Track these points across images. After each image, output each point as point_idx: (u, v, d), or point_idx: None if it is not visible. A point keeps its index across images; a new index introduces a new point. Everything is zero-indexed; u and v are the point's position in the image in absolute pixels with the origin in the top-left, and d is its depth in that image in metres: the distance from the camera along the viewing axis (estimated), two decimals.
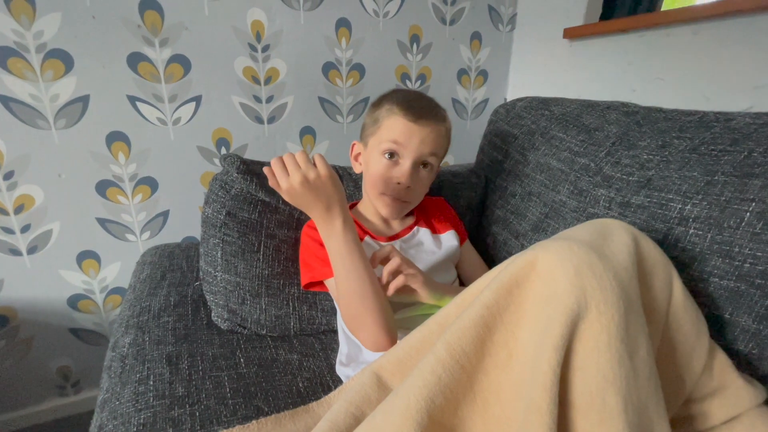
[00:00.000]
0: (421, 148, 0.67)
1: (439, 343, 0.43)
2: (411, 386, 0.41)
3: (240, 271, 0.76)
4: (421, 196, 0.75)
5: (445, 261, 0.77)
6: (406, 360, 0.50)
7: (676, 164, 0.62)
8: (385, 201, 0.71)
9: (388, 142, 0.68)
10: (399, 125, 0.67)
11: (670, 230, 0.59)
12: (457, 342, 0.42)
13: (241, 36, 1.08)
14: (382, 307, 0.59)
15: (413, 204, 0.75)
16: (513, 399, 0.41)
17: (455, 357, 0.42)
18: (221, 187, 0.77)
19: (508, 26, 1.42)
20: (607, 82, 1.15)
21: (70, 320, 1.12)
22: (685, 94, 0.97)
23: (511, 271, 0.44)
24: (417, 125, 0.67)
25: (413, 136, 0.67)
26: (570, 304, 0.39)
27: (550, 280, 0.41)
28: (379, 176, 0.69)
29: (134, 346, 0.68)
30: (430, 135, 0.68)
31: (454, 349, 0.42)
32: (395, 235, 0.77)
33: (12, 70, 0.90)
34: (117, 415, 0.57)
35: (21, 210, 0.99)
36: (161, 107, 1.05)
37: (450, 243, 0.79)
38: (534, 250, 0.44)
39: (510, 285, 0.43)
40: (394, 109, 0.68)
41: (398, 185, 0.69)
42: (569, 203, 0.77)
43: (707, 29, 0.92)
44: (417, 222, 0.80)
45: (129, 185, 1.07)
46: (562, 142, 0.83)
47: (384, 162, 0.69)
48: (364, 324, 0.59)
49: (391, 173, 0.69)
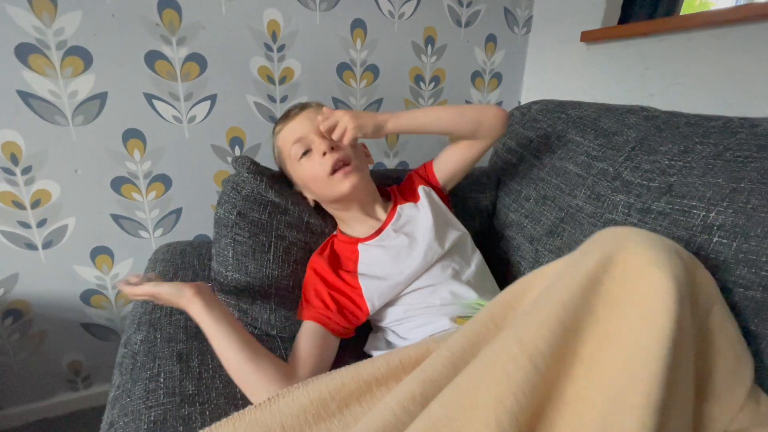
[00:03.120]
0: (311, 124, 0.73)
1: (509, 339, 0.40)
2: (480, 385, 0.39)
3: (250, 271, 0.75)
4: (359, 158, 0.76)
5: (439, 218, 0.77)
6: (461, 355, 0.47)
7: (699, 170, 0.60)
8: (338, 177, 0.71)
9: (294, 148, 0.74)
10: (285, 132, 0.76)
11: (692, 238, 0.58)
12: (531, 340, 0.39)
13: (257, 35, 1.08)
14: (247, 384, 0.58)
15: (359, 165, 0.74)
16: (603, 402, 0.38)
17: (528, 354, 0.39)
18: (233, 188, 0.77)
19: (524, 29, 1.41)
20: (625, 86, 1.13)
21: (82, 315, 1.13)
22: (705, 100, 0.95)
23: (587, 267, 0.42)
24: (293, 120, 0.76)
25: (297, 127, 0.75)
26: (674, 316, 0.37)
27: (644, 283, 0.40)
28: (314, 169, 0.73)
29: (146, 343, 0.68)
30: (306, 115, 0.75)
31: (528, 347, 0.39)
32: (383, 225, 0.77)
33: (33, 67, 0.91)
34: (128, 412, 0.57)
35: (38, 205, 1.00)
36: (177, 105, 1.06)
37: (429, 199, 0.79)
38: (603, 244, 0.43)
39: (587, 283, 0.42)
40: (276, 129, 0.79)
41: (326, 156, 0.71)
42: (586, 208, 0.76)
43: (730, 34, 0.90)
44: (396, 203, 0.81)
45: (143, 182, 1.08)
46: (579, 145, 0.82)
47: (306, 162, 0.74)
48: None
49: (317, 157, 0.72)
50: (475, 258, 0.77)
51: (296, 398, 0.52)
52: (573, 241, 0.77)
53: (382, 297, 0.70)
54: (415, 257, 0.70)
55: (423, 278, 0.71)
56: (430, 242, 0.71)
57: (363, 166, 0.76)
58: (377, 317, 0.74)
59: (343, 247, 0.77)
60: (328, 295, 0.70)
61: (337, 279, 0.72)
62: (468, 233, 0.80)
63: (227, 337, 0.58)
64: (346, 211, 0.78)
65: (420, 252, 0.71)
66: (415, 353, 0.56)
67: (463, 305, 0.68)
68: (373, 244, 0.75)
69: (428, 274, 0.71)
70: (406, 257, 0.71)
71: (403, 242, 0.73)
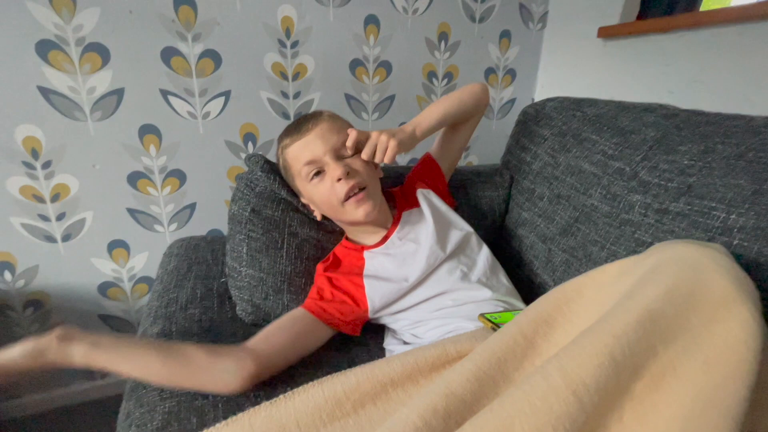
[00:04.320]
0: (324, 144, 0.69)
1: (553, 367, 0.37)
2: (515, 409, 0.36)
3: (264, 266, 0.76)
4: (373, 178, 0.74)
5: (440, 221, 0.76)
6: (490, 372, 0.44)
7: (720, 171, 0.59)
8: (351, 205, 0.70)
9: (305, 169, 0.70)
10: (296, 150, 0.71)
11: (711, 240, 0.56)
12: (576, 372, 0.36)
13: (271, 32, 1.09)
14: (187, 383, 0.56)
15: (373, 189, 0.73)
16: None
17: (572, 388, 0.35)
18: (246, 185, 0.79)
19: (539, 24, 1.39)
20: (643, 83, 1.11)
21: (99, 307, 1.16)
22: (727, 98, 0.93)
23: (648, 299, 0.37)
24: (305, 135, 0.70)
25: (309, 146, 0.69)
26: (755, 369, 0.33)
27: (723, 327, 0.35)
28: (327, 194, 0.70)
29: (162, 335, 0.69)
30: (320, 133, 0.70)
31: (573, 380, 0.35)
32: (388, 234, 0.77)
33: (52, 63, 0.93)
34: (143, 404, 0.58)
35: (57, 198, 1.02)
36: (192, 101, 1.07)
37: (428, 202, 0.79)
38: (669, 271, 0.38)
39: (646, 316, 0.37)
40: (284, 143, 0.73)
41: (340, 182, 0.68)
42: (601, 208, 0.75)
43: (753, 30, 0.87)
44: (400, 211, 0.80)
45: (159, 177, 1.10)
46: (595, 144, 0.81)
47: (318, 183, 0.70)
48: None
49: (329, 182, 0.69)
50: (482, 255, 0.76)
51: (311, 396, 0.52)
52: (587, 241, 0.76)
53: (384, 298, 0.70)
54: (419, 262, 0.70)
55: (431, 284, 0.70)
56: (431, 246, 0.71)
57: (376, 187, 0.74)
58: (392, 325, 0.74)
59: (348, 254, 0.77)
60: (329, 289, 0.71)
61: (342, 277, 0.73)
62: (472, 231, 0.79)
63: (139, 357, 0.55)
64: (356, 229, 0.79)
65: (423, 256, 0.70)
66: (432, 355, 0.55)
67: (478, 303, 0.68)
68: (378, 252, 0.75)
69: (435, 278, 0.70)
70: (412, 262, 0.71)
71: (408, 249, 0.74)
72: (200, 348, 0.57)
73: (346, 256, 0.78)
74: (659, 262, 0.41)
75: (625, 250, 0.68)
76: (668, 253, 0.42)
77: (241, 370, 0.56)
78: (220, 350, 0.58)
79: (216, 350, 0.58)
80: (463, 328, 0.64)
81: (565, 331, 0.45)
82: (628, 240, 0.68)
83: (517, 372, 0.44)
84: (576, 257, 0.77)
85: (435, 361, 0.54)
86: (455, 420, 0.41)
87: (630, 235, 0.68)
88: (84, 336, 0.53)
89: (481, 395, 0.42)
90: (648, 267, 0.42)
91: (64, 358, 0.52)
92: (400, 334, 0.73)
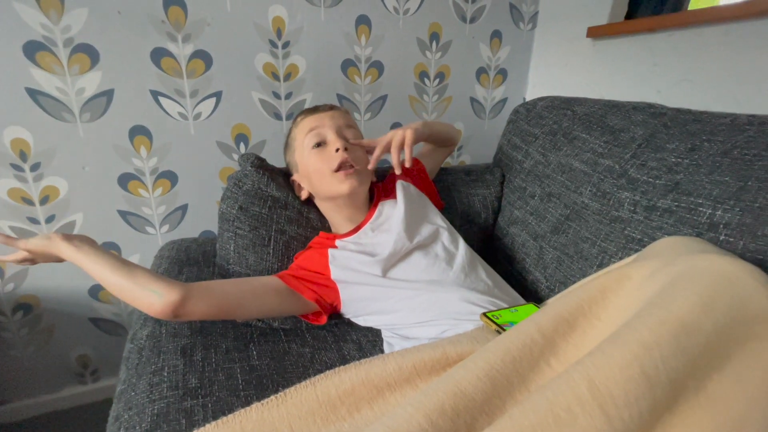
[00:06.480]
0: (333, 122, 0.76)
1: (579, 376, 0.35)
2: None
3: (251, 263, 0.77)
4: (365, 160, 0.77)
5: (414, 212, 0.77)
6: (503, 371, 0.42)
7: (706, 168, 0.60)
8: (339, 176, 0.73)
9: (308, 137, 0.76)
10: (307, 122, 0.77)
11: (698, 236, 0.57)
12: (605, 385, 0.33)
13: (261, 32, 1.09)
14: (132, 297, 0.60)
15: (363, 174, 0.76)
16: None
17: (599, 401, 0.33)
18: (235, 184, 0.80)
19: (529, 24, 1.40)
20: (631, 82, 1.12)
21: (90, 310, 1.15)
22: (714, 97, 0.94)
23: (681, 310, 0.35)
24: (318, 113, 0.78)
25: (322, 119, 0.77)
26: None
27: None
28: (321, 162, 0.74)
29: (151, 338, 0.69)
30: (334, 114, 0.78)
31: (600, 392, 0.33)
32: (362, 223, 0.78)
33: (40, 64, 0.92)
34: (132, 406, 0.58)
35: (46, 201, 1.01)
36: (182, 102, 1.06)
37: (405, 192, 0.80)
38: (700, 280, 0.36)
39: (679, 329, 0.34)
40: (297, 119, 0.81)
41: (337, 152, 0.73)
42: (591, 205, 0.75)
43: (740, 30, 0.88)
44: (377, 201, 0.82)
45: (150, 179, 1.09)
46: (585, 143, 0.81)
47: (317, 152, 0.75)
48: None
49: (328, 151, 0.74)
50: (459, 252, 0.74)
51: (304, 400, 0.51)
52: (578, 239, 0.76)
53: (351, 276, 0.71)
54: (387, 243, 0.72)
55: (399, 272, 0.71)
56: (399, 233, 0.72)
57: (367, 174, 0.78)
58: (376, 326, 0.74)
59: (315, 252, 0.77)
60: (301, 271, 0.73)
61: (312, 262, 0.75)
62: (446, 227, 0.78)
63: (101, 264, 0.60)
64: (336, 211, 0.80)
65: (391, 240, 0.72)
66: (430, 357, 0.53)
67: (451, 300, 0.66)
68: (350, 241, 0.76)
69: (402, 269, 0.71)
70: (381, 251, 0.72)
71: (379, 240, 0.74)
72: (147, 270, 0.61)
73: (320, 246, 0.78)
74: (690, 269, 0.39)
75: (615, 247, 0.69)
76: (701, 262, 0.40)
77: (167, 296, 0.59)
78: (162, 276, 0.61)
79: (158, 276, 0.61)
80: (449, 326, 0.63)
81: (584, 332, 0.43)
82: (618, 237, 0.69)
83: (533, 372, 0.42)
84: (567, 254, 0.78)
85: (435, 365, 0.53)
86: (464, 420, 0.38)
87: (620, 232, 0.69)
88: (79, 241, 0.63)
89: (492, 395, 0.40)
90: (676, 273, 0.40)
91: (58, 252, 0.64)
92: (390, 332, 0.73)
